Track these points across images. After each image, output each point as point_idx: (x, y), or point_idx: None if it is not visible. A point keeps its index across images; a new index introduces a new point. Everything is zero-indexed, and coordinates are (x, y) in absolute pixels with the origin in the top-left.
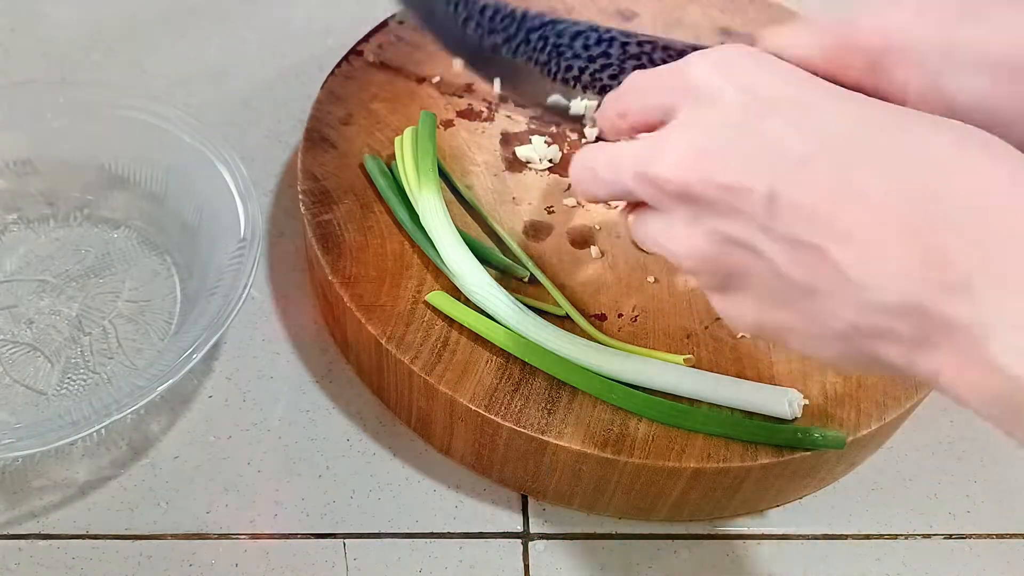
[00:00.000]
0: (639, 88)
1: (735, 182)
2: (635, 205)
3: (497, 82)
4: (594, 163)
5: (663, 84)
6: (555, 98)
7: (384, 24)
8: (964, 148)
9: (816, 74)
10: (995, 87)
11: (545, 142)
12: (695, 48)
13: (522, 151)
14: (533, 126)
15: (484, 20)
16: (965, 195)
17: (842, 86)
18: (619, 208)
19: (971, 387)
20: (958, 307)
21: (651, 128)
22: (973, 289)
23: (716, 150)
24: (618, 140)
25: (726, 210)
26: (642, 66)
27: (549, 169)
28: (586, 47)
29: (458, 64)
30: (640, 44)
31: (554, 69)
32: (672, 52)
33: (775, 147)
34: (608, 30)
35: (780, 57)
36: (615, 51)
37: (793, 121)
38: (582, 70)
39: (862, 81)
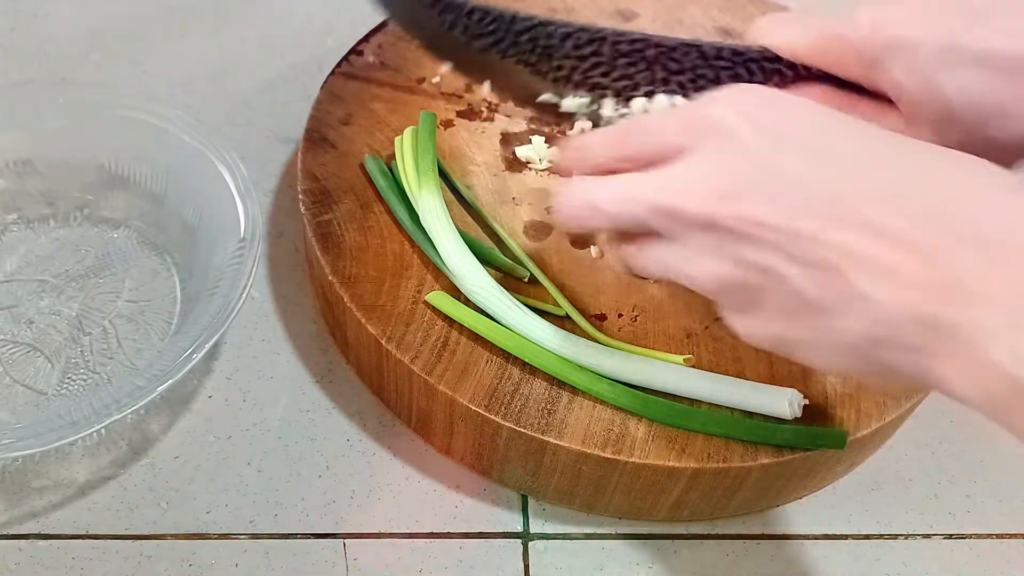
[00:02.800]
0: (646, 130)
1: (761, 217)
2: (632, 235)
3: (487, 84)
4: (594, 197)
5: (676, 125)
6: (546, 96)
7: (384, 24)
8: (967, 172)
9: (808, 67)
10: (992, 84)
11: (545, 142)
12: (687, 45)
13: (522, 151)
14: (533, 126)
15: (472, 24)
16: (968, 215)
17: (835, 80)
18: (604, 236)
19: (973, 387)
20: (961, 314)
21: (644, 167)
22: (974, 296)
23: (740, 186)
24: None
25: (749, 240)
26: (633, 64)
27: (549, 169)
28: (576, 47)
29: (446, 68)
30: (632, 42)
31: (544, 69)
32: (663, 49)
33: (796, 183)
34: (599, 30)
35: (771, 49)
36: (606, 49)
37: (809, 158)
38: (573, 69)
39: (855, 76)
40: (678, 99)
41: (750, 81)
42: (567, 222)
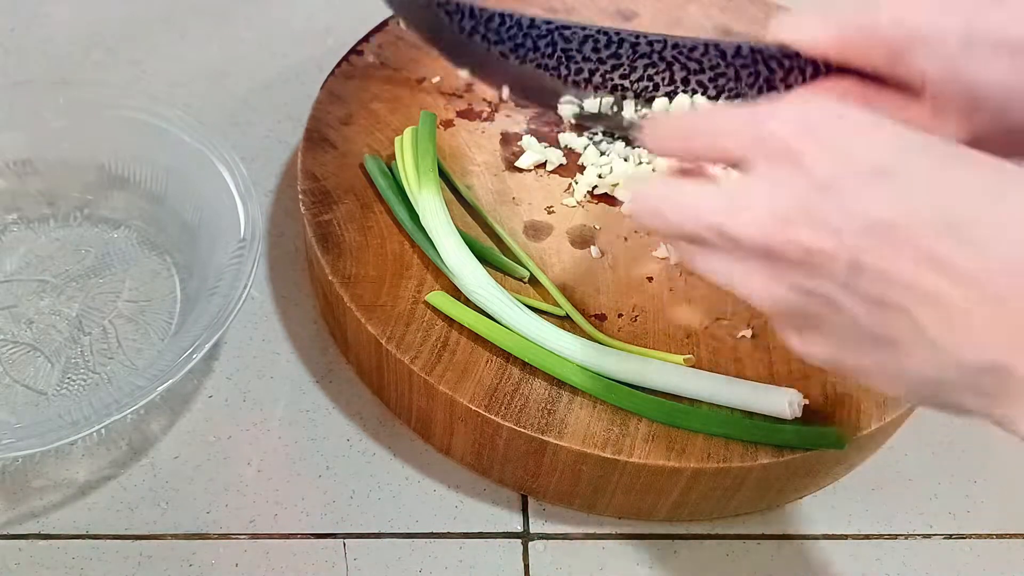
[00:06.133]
0: (710, 131)
1: (818, 247)
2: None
3: (505, 89)
4: (662, 205)
5: (738, 133)
6: (567, 98)
7: (384, 24)
8: None
9: (830, 63)
10: (1014, 68)
11: (544, 145)
12: (706, 44)
13: (522, 162)
14: (533, 126)
15: (491, 30)
16: None
17: (860, 74)
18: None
19: None
20: None
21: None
22: None
23: (799, 214)
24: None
25: (808, 269)
26: (653, 64)
27: (549, 170)
28: (596, 50)
29: (464, 74)
30: (651, 43)
31: (564, 72)
32: (682, 50)
33: (859, 213)
34: (617, 32)
35: (792, 45)
36: (625, 51)
37: (878, 187)
38: (592, 72)
39: (879, 69)
40: (699, 98)
41: (769, 79)
42: (636, 218)
